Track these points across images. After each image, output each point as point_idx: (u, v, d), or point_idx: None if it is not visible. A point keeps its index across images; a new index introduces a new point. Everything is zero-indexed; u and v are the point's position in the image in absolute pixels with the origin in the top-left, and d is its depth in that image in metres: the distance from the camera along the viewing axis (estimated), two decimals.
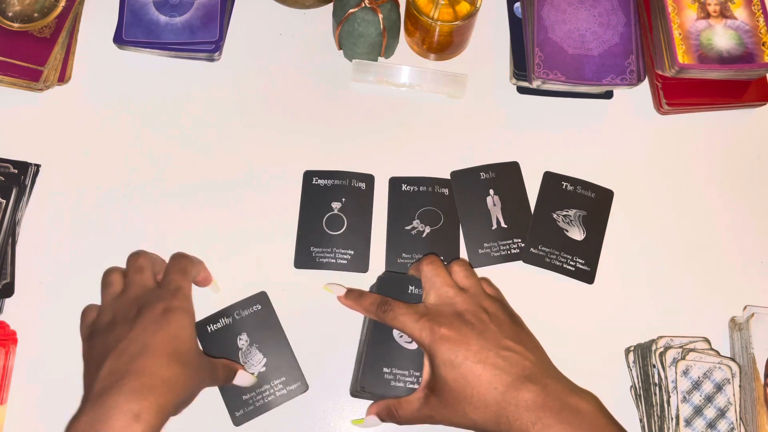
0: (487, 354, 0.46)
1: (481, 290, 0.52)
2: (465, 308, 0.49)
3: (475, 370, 0.46)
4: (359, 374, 0.52)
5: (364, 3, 0.60)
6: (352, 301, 0.54)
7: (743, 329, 0.56)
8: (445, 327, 0.47)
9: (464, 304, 0.49)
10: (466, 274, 0.52)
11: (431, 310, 0.49)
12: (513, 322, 0.50)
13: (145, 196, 0.61)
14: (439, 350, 0.47)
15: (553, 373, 0.48)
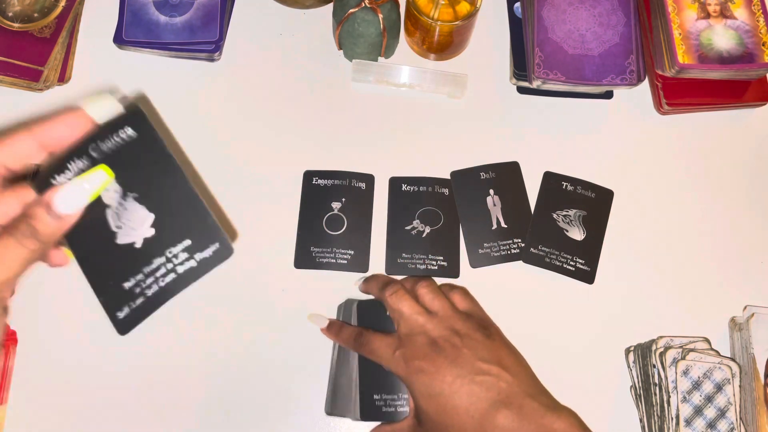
0: (461, 382, 0.46)
1: (451, 310, 0.51)
2: (437, 334, 0.49)
3: (451, 401, 0.46)
4: (354, 407, 0.52)
5: (364, 3, 0.60)
6: (333, 334, 0.54)
7: (743, 329, 0.56)
8: (419, 359, 0.48)
9: (436, 330, 0.49)
10: (432, 296, 0.52)
11: (404, 341, 0.49)
12: (487, 337, 0.50)
13: None
14: (416, 383, 0.47)
15: (531, 390, 0.48)
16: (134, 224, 0.37)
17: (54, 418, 0.54)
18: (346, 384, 0.54)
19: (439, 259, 0.59)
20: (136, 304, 0.37)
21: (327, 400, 0.54)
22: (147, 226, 0.37)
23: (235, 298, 0.57)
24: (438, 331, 0.49)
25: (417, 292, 0.52)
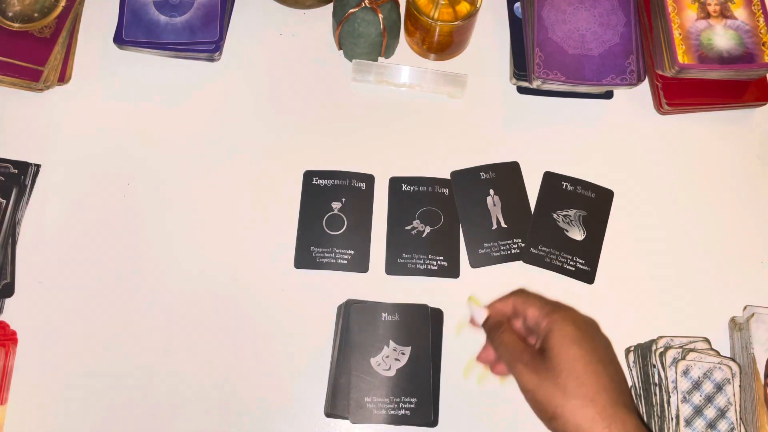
0: (609, 365, 0.45)
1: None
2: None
3: (598, 367, 0.44)
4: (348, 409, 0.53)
5: (364, 3, 0.60)
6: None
7: (743, 329, 0.56)
8: (581, 320, 0.47)
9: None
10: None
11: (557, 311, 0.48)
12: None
13: (145, 195, 0.61)
14: (567, 327, 0.46)
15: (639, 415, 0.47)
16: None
17: (54, 418, 0.54)
18: (346, 384, 0.54)
19: (439, 259, 0.59)
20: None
21: (327, 400, 0.55)
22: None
23: (235, 298, 0.57)
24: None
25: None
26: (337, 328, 0.57)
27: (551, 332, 0.46)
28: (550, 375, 0.44)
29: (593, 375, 0.44)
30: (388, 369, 0.54)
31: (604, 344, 0.47)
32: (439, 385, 0.55)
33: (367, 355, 0.54)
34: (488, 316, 0.50)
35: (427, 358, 0.55)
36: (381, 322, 0.55)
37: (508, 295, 0.51)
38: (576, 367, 0.44)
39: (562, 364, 0.44)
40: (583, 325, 0.46)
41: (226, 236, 0.60)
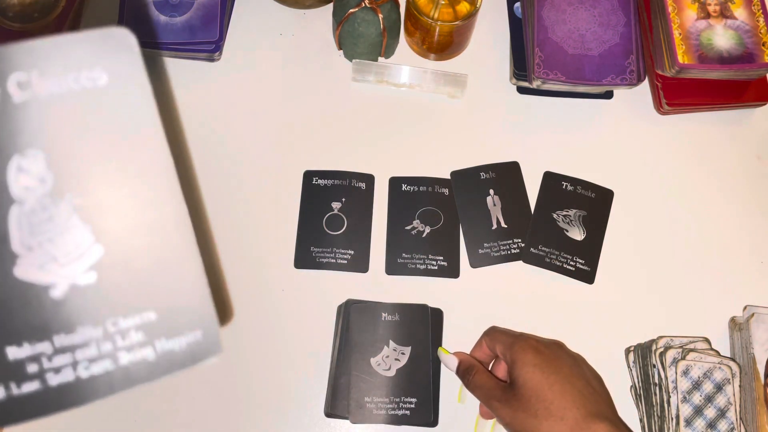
0: (576, 380, 0.47)
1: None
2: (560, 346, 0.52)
3: (563, 386, 0.46)
4: (348, 409, 0.53)
5: (364, 3, 0.60)
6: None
7: (743, 329, 0.56)
8: (541, 344, 0.50)
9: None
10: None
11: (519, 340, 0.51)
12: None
13: None
14: (528, 353, 0.48)
15: (619, 421, 0.48)
16: (61, 252, 0.22)
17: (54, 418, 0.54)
18: (346, 384, 0.54)
19: (439, 259, 0.59)
20: (21, 392, 0.21)
21: (327, 400, 0.55)
22: (85, 264, 0.22)
23: (235, 298, 0.57)
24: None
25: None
26: (337, 328, 0.57)
27: (515, 363, 0.48)
28: (522, 404, 0.46)
29: (559, 394, 0.46)
30: (388, 369, 0.54)
31: (570, 362, 0.49)
32: (439, 385, 0.55)
33: (367, 355, 0.54)
34: (459, 362, 0.53)
35: (427, 358, 0.55)
36: (381, 322, 0.55)
37: (480, 338, 0.54)
38: (541, 391, 0.46)
39: (529, 391, 0.46)
40: (544, 350, 0.49)
41: (225, 236, 0.59)
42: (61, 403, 0.21)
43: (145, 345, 0.22)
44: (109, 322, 0.22)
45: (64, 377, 0.21)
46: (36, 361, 0.21)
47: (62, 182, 0.21)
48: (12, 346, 0.21)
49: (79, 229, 0.21)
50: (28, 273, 0.21)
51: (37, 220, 0.21)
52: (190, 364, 0.23)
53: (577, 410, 0.45)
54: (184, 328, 0.22)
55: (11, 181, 0.21)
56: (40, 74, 0.20)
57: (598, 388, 0.49)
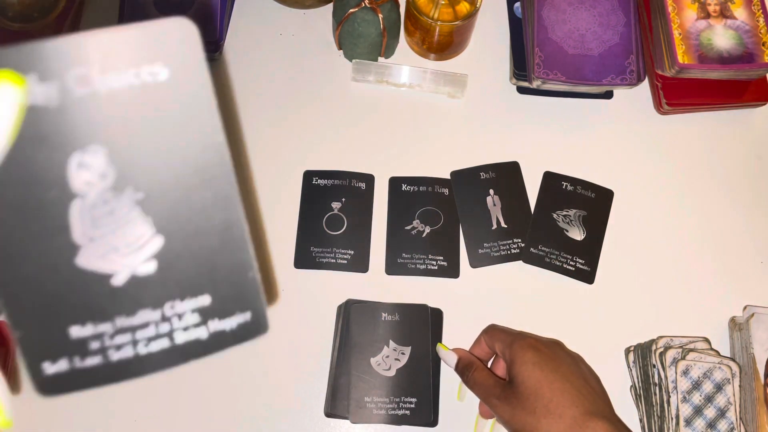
0: (574, 379, 0.47)
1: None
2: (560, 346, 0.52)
3: (562, 384, 0.47)
4: (348, 408, 0.53)
5: (364, 3, 0.60)
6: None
7: (743, 329, 0.56)
8: (541, 343, 0.50)
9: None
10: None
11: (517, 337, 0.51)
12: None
13: None
14: (528, 352, 0.48)
15: (617, 420, 0.48)
16: (122, 243, 0.23)
17: (54, 418, 0.54)
18: (346, 384, 0.54)
19: (439, 259, 0.59)
20: (84, 365, 0.23)
21: (327, 400, 0.55)
22: (145, 254, 0.23)
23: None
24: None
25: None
26: (337, 328, 0.57)
27: (514, 361, 0.48)
28: (521, 402, 0.46)
29: (558, 392, 0.46)
30: (388, 369, 0.54)
31: (569, 361, 0.49)
32: (439, 385, 0.55)
33: (367, 355, 0.54)
34: (458, 359, 0.53)
35: (427, 358, 0.55)
36: (381, 322, 0.55)
37: (479, 336, 0.55)
38: (540, 389, 0.46)
39: (528, 389, 0.46)
40: (544, 348, 0.49)
41: None
42: (120, 375, 0.23)
43: (199, 326, 0.24)
44: (167, 306, 0.23)
45: (124, 354, 0.23)
46: (98, 339, 0.23)
47: (123, 177, 0.22)
48: (76, 325, 0.23)
49: (139, 222, 0.22)
50: (90, 262, 0.22)
51: (99, 213, 0.22)
52: (239, 342, 0.25)
53: (575, 408, 0.45)
54: (236, 310, 0.24)
55: (72, 177, 0.21)
56: (101, 69, 0.21)
57: (596, 387, 0.49)
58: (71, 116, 0.21)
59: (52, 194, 0.21)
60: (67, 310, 0.22)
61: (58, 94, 0.21)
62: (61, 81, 0.21)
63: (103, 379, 0.23)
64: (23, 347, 0.22)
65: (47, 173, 0.21)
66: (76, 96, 0.21)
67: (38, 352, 0.23)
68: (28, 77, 0.20)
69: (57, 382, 0.23)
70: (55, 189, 0.21)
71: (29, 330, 0.22)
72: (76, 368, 0.23)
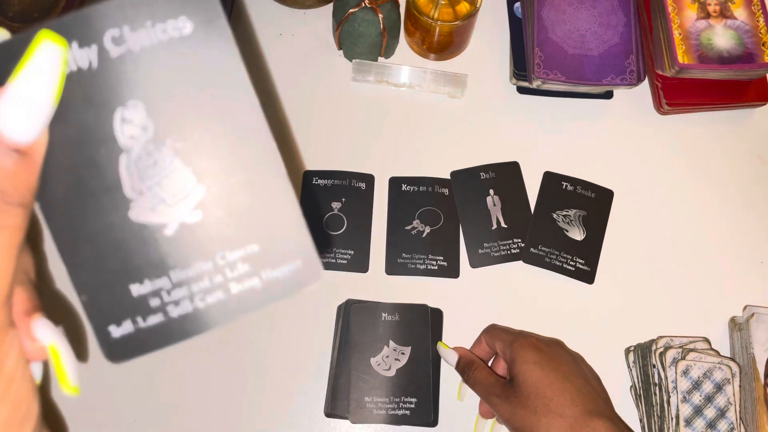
0: (575, 378, 0.47)
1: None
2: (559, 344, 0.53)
3: (563, 384, 0.47)
4: (348, 408, 0.53)
5: (364, 3, 0.60)
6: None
7: (743, 329, 0.56)
8: (541, 342, 0.50)
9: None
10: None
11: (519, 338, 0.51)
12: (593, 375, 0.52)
13: None
14: (529, 351, 0.49)
15: (618, 419, 0.48)
16: (168, 194, 0.23)
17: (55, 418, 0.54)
18: (346, 384, 0.54)
19: (439, 259, 0.59)
20: (147, 324, 0.23)
21: (327, 400, 0.55)
22: (191, 203, 0.24)
23: None
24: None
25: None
26: (337, 328, 0.57)
27: (514, 360, 0.49)
28: (521, 401, 0.47)
29: (558, 392, 0.46)
30: (388, 369, 0.54)
31: (570, 360, 0.49)
32: (439, 385, 0.55)
33: (367, 355, 0.54)
34: (459, 357, 0.53)
35: (427, 358, 0.55)
36: (381, 322, 0.55)
37: (480, 335, 0.55)
38: (540, 388, 0.46)
39: (528, 388, 0.47)
40: (544, 348, 0.49)
41: None
42: (183, 332, 0.24)
43: (252, 275, 0.25)
44: (218, 256, 0.24)
45: (184, 309, 0.24)
46: (157, 296, 0.23)
47: (162, 128, 0.23)
48: (135, 283, 0.23)
49: (181, 171, 0.23)
50: (142, 215, 0.23)
51: (144, 165, 0.23)
52: (294, 290, 0.25)
53: (576, 407, 0.45)
54: (286, 258, 0.25)
55: (118, 132, 0.23)
56: (131, 29, 0.23)
57: (596, 386, 0.49)
58: (111, 76, 0.23)
59: (102, 151, 0.23)
60: (127, 268, 0.23)
61: (97, 56, 0.23)
62: (99, 44, 0.22)
63: (166, 338, 0.23)
64: (90, 311, 0.23)
65: (96, 131, 0.23)
66: (113, 56, 0.23)
67: (104, 315, 0.23)
68: (71, 45, 0.22)
69: (125, 345, 0.23)
70: (104, 145, 0.23)
71: (94, 292, 0.23)
72: (140, 328, 0.23)
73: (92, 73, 0.23)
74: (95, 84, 0.23)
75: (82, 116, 0.23)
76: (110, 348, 0.23)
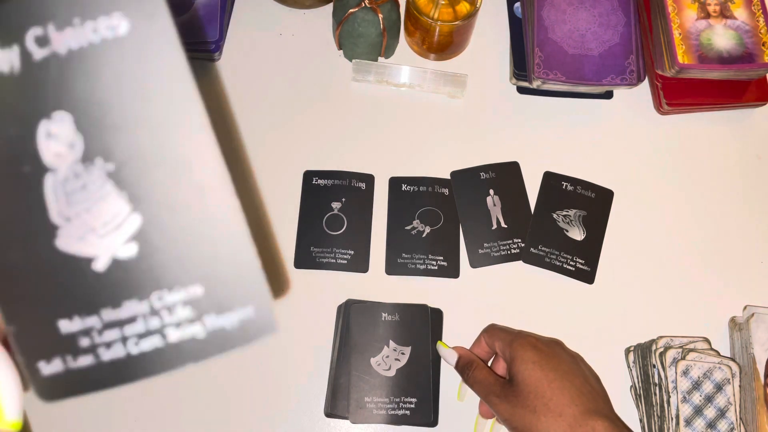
0: (574, 378, 0.47)
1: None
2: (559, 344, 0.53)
3: (562, 383, 0.47)
4: (348, 408, 0.53)
5: (364, 3, 0.60)
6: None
7: (743, 329, 0.56)
8: (540, 342, 0.50)
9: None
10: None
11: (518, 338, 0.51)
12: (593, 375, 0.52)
13: None
14: (528, 351, 0.49)
15: (617, 419, 0.48)
16: (99, 222, 0.21)
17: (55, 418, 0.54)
18: (346, 384, 0.54)
19: (439, 259, 0.59)
20: (78, 365, 0.21)
21: (327, 400, 0.55)
22: (124, 235, 0.21)
23: None
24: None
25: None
26: (337, 328, 0.57)
27: (514, 360, 0.49)
28: (521, 400, 0.47)
29: (558, 391, 0.46)
30: (388, 369, 0.54)
31: (569, 360, 0.49)
32: (439, 385, 0.55)
33: (367, 355, 0.54)
34: (459, 357, 0.53)
35: (427, 358, 0.55)
36: (381, 322, 0.55)
37: (479, 335, 0.55)
38: (540, 387, 0.46)
39: (528, 388, 0.47)
40: (544, 347, 0.49)
41: None
42: (115, 378, 0.21)
43: (194, 321, 0.21)
44: (154, 297, 0.21)
45: (115, 353, 0.21)
46: (87, 336, 0.21)
47: (92, 146, 0.20)
48: (64, 319, 0.21)
49: (114, 197, 0.20)
50: (69, 245, 0.20)
51: (71, 188, 0.20)
52: (243, 342, 0.22)
53: (575, 407, 0.45)
54: (234, 304, 0.21)
55: (42, 149, 0.20)
56: (57, 27, 0.20)
57: (596, 386, 0.49)
58: (33, 81, 0.20)
59: (26, 169, 0.20)
60: (54, 301, 0.21)
61: (19, 59, 0.20)
62: (21, 45, 0.20)
63: (98, 383, 0.21)
64: (18, 344, 0.21)
65: (18, 146, 0.20)
66: (36, 59, 0.20)
67: (33, 349, 0.21)
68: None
69: (55, 384, 0.21)
70: (27, 163, 0.20)
71: (22, 324, 0.21)
72: (70, 369, 0.21)
73: (13, 79, 0.20)
74: (17, 91, 0.20)
75: (2, 128, 0.20)
76: (41, 386, 0.21)
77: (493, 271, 0.60)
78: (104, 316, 0.21)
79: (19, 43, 0.20)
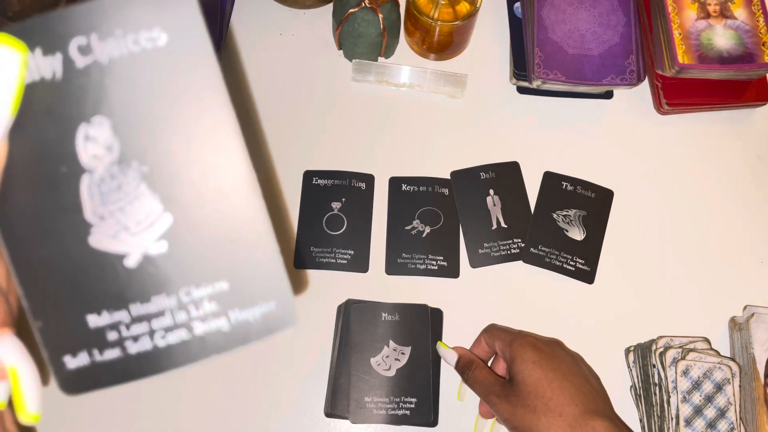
0: (574, 378, 0.47)
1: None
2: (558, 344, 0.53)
3: (562, 383, 0.47)
4: (348, 408, 0.53)
5: (364, 3, 0.60)
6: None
7: (743, 329, 0.56)
8: (540, 342, 0.50)
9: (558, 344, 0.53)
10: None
11: (518, 338, 0.51)
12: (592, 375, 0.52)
13: None
14: (528, 351, 0.49)
15: (617, 419, 0.48)
16: (132, 221, 0.22)
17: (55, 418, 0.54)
18: (346, 384, 0.54)
19: (439, 259, 0.59)
20: (104, 358, 0.22)
21: (327, 400, 0.55)
22: (156, 233, 0.22)
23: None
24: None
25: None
26: (337, 328, 0.57)
27: (514, 360, 0.49)
28: (521, 400, 0.47)
29: (558, 391, 0.46)
30: (388, 369, 0.54)
31: (569, 360, 0.49)
32: (439, 385, 0.55)
33: (367, 355, 0.54)
34: (459, 357, 0.53)
35: (427, 358, 0.55)
36: (381, 322, 0.55)
37: (479, 335, 0.55)
38: (540, 387, 0.46)
39: (528, 387, 0.47)
40: (544, 347, 0.49)
41: None
42: (141, 370, 0.23)
43: (219, 315, 0.22)
44: (182, 292, 0.22)
45: (142, 346, 0.22)
46: (115, 330, 0.22)
47: (128, 149, 0.21)
48: (92, 314, 0.22)
49: (147, 198, 0.22)
50: (102, 242, 0.21)
51: (107, 188, 0.21)
52: (265, 335, 0.23)
53: (575, 407, 0.45)
54: (258, 299, 0.22)
55: (80, 151, 0.21)
56: (100, 37, 0.21)
57: (596, 386, 0.49)
58: (75, 88, 0.21)
59: (63, 169, 0.21)
60: (84, 297, 0.22)
61: (61, 66, 0.21)
62: (64, 53, 0.21)
63: (123, 375, 0.22)
64: (44, 339, 0.22)
65: (57, 147, 0.21)
66: (79, 67, 0.21)
67: (59, 343, 0.22)
68: (33, 52, 0.20)
69: (79, 378, 0.22)
70: (65, 164, 0.21)
71: (49, 319, 0.22)
72: (96, 362, 0.22)
73: (56, 84, 0.21)
74: (58, 96, 0.21)
75: (43, 130, 0.21)
76: (65, 380, 0.22)
77: (493, 271, 0.60)
78: (133, 311, 0.22)
79: (62, 51, 0.21)
